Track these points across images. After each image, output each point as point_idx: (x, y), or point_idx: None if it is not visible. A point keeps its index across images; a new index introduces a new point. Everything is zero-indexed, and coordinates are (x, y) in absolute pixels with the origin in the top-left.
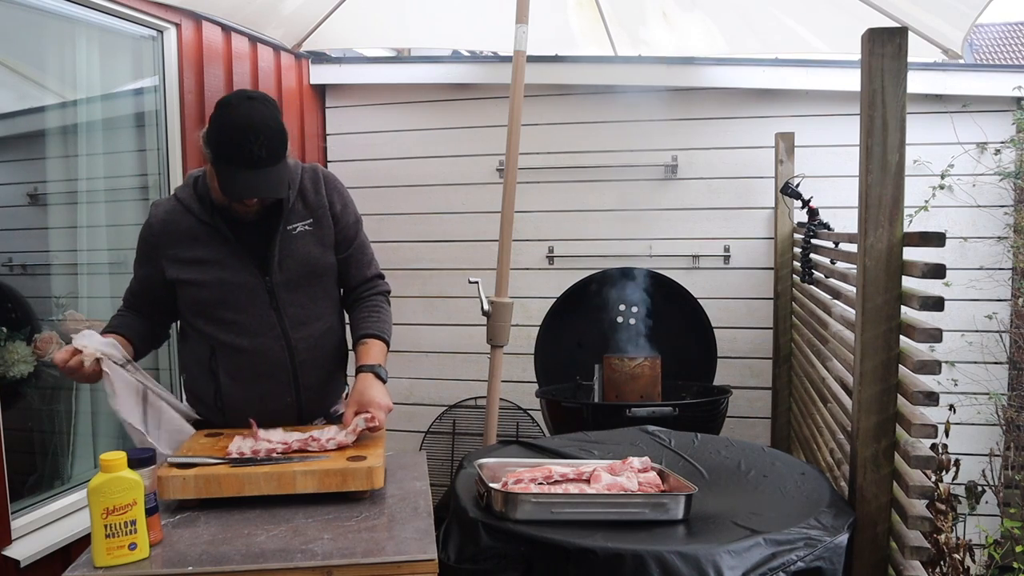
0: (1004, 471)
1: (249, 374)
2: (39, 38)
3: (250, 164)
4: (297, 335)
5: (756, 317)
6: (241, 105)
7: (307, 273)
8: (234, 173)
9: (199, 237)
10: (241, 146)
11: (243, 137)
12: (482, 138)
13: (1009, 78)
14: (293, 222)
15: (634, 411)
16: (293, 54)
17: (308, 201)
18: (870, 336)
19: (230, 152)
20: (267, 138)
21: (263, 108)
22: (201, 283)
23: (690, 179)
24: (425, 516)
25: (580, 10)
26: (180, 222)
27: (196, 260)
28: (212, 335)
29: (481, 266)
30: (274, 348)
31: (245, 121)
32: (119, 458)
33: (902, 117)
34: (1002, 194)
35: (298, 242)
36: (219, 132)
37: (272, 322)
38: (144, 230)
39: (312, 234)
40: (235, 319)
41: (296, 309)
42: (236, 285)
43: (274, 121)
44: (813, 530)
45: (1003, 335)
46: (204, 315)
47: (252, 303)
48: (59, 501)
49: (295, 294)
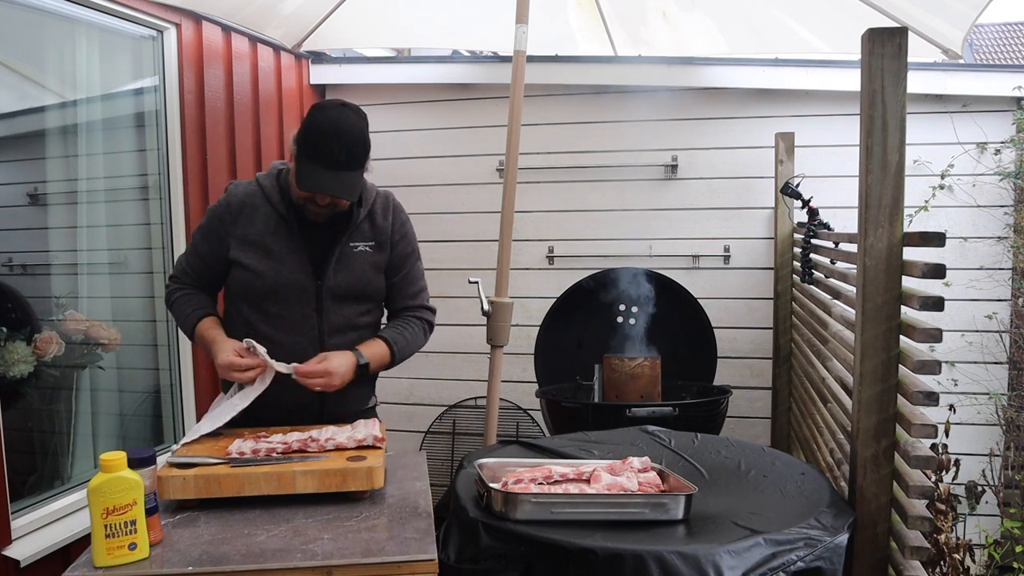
0: (1004, 471)
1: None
2: (39, 38)
3: (328, 164)
4: (332, 340)
5: (756, 317)
6: (332, 109)
7: (356, 289)
8: (312, 169)
9: (269, 226)
10: (323, 145)
11: (326, 138)
12: (482, 138)
13: (1009, 78)
14: (356, 240)
15: (634, 411)
16: (293, 54)
17: (375, 224)
18: (870, 336)
19: (313, 150)
20: (348, 143)
21: (352, 116)
22: (257, 271)
23: (690, 179)
24: (425, 516)
25: (580, 10)
26: (258, 206)
27: (260, 247)
28: (252, 322)
29: (481, 266)
30: (308, 347)
31: (331, 124)
32: (119, 458)
33: (902, 117)
34: (1002, 194)
35: (356, 259)
36: (307, 131)
37: (312, 323)
38: (219, 207)
39: (370, 256)
40: (278, 312)
41: (337, 317)
42: (289, 281)
43: (359, 130)
44: (813, 530)
45: (1003, 335)
46: (249, 301)
47: (298, 301)
48: (59, 501)
49: (340, 304)
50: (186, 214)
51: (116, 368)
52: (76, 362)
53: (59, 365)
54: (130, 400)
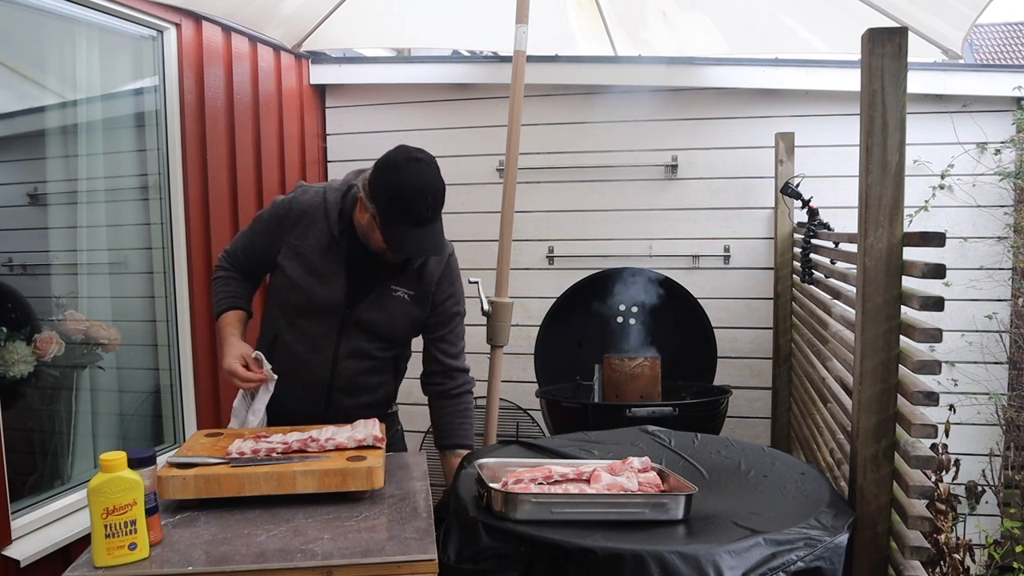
0: (1004, 471)
1: (292, 375)
2: (39, 38)
3: (417, 223)
4: (344, 364)
5: (756, 317)
6: (411, 167)
7: (382, 329)
8: (403, 232)
9: (320, 243)
10: (412, 207)
11: (414, 199)
12: (482, 138)
13: (1009, 78)
14: (399, 284)
15: (634, 411)
16: (293, 54)
17: (423, 276)
18: (870, 336)
19: (401, 212)
20: (434, 199)
21: (429, 169)
22: (296, 284)
23: (690, 179)
24: (425, 516)
25: (580, 10)
26: (316, 220)
27: (306, 262)
28: (279, 327)
29: (481, 266)
30: (319, 366)
31: (416, 183)
32: (119, 458)
33: (902, 117)
34: (1002, 194)
35: (391, 303)
36: (390, 191)
37: (329, 344)
38: (282, 208)
39: (406, 304)
40: (304, 326)
41: (356, 344)
42: (322, 302)
43: (439, 181)
44: (813, 530)
45: (1003, 335)
46: (282, 307)
47: (323, 320)
48: (59, 501)
49: (362, 335)
50: (186, 214)
51: (116, 368)
52: (76, 362)
53: (59, 365)
54: (130, 400)
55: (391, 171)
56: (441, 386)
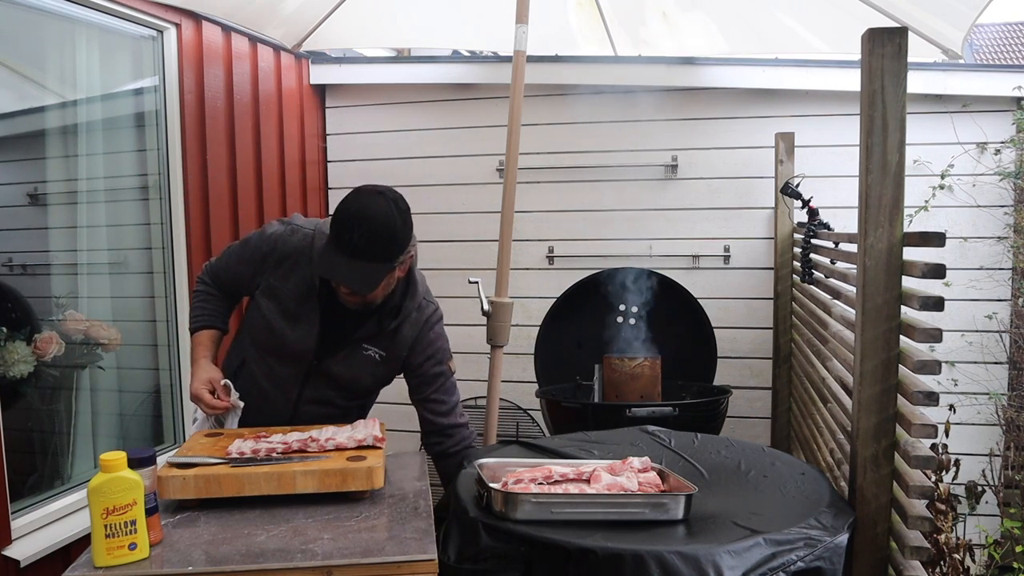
0: (1004, 471)
1: (253, 406)
2: (39, 38)
3: (346, 250)
4: (306, 408)
5: (756, 317)
6: (366, 195)
7: (345, 384)
8: (329, 252)
9: (300, 289)
10: (344, 231)
11: (349, 222)
12: (482, 138)
13: (1009, 78)
14: (371, 343)
15: (634, 411)
16: (293, 54)
17: (397, 339)
18: (870, 336)
19: (334, 232)
20: (370, 232)
21: (381, 203)
22: (269, 324)
23: (690, 179)
24: (425, 516)
25: (580, 10)
26: (300, 265)
27: (282, 304)
28: (248, 357)
29: (481, 266)
30: (281, 405)
31: (359, 210)
32: (119, 458)
33: (902, 117)
34: (1002, 194)
35: (360, 360)
36: (336, 211)
37: (293, 387)
38: (268, 243)
39: (376, 363)
40: (271, 364)
41: (319, 392)
42: (291, 348)
43: (387, 219)
44: (813, 530)
45: (1003, 335)
46: (253, 339)
47: (291, 364)
48: (59, 501)
49: (326, 384)
50: (186, 214)
51: (116, 368)
52: (76, 362)
53: (59, 365)
54: (130, 400)
55: (349, 195)
56: (439, 446)
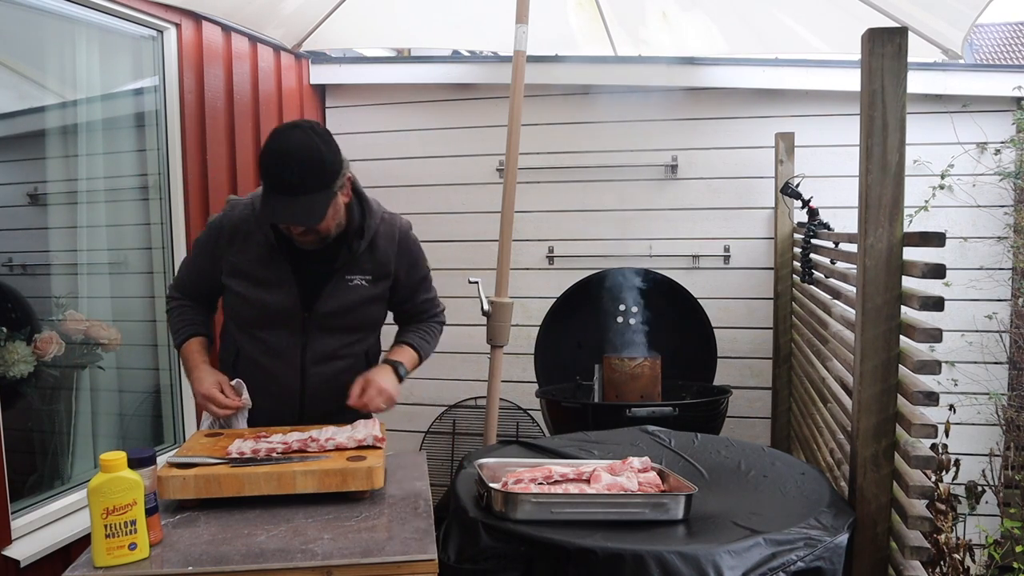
0: (1004, 471)
1: (260, 388)
2: (39, 38)
3: (282, 190)
4: (314, 369)
5: (756, 317)
6: (283, 133)
7: (346, 321)
8: (268, 198)
9: (261, 254)
10: (273, 171)
11: (275, 163)
12: (482, 138)
13: (1009, 78)
14: (353, 273)
15: (634, 411)
16: (293, 54)
17: (376, 256)
18: (870, 336)
19: (265, 176)
20: (299, 165)
21: (302, 135)
22: (247, 298)
23: (690, 179)
24: (425, 516)
25: (580, 10)
26: (251, 232)
27: (250, 275)
28: (240, 343)
29: (481, 266)
30: (288, 375)
31: (280, 147)
32: (119, 458)
33: (902, 117)
34: (1002, 194)
35: (350, 294)
36: (260, 157)
37: (295, 352)
38: (215, 229)
39: (366, 290)
40: (264, 337)
41: (322, 346)
42: (276, 310)
43: (311, 149)
44: (813, 530)
45: (1003, 335)
46: (238, 323)
47: (283, 329)
48: (59, 501)
49: (326, 334)
50: (186, 214)
51: (116, 368)
52: (76, 362)
53: (59, 365)
54: (130, 400)
55: (269, 138)
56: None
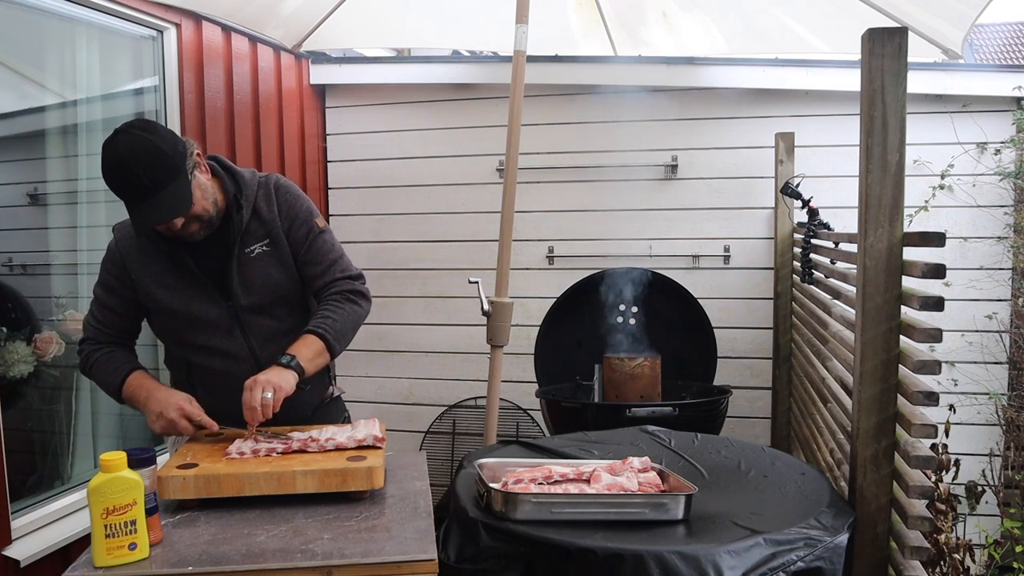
0: (1004, 471)
1: (223, 390)
2: (39, 38)
3: (140, 196)
4: (265, 352)
5: (756, 317)
6: (110, 145)
7: (270, 295)
8: (132, 209)
9: (161, 263)
10: (122, 183)
11: (119, 175)
12: (482, 138)
13: (1009, 78)
14: (250, 244)
15: (634, 411)
16: (293, 54)
17: (263, 219)
18: (870, 336)
19: (118, 192)
20: (141, 167)
21: (128, 139)
22: (169, 311)
23: (690, 179)
24: (425, 516)
25: (580, 10)
26: (146, 248)
27: (163, 286)
28: (187, 357)
29: (481, 266)
30: (244, 368)
31: (116, 159)
32: (119, 458)
33: (902, 117)
34: (1002, 194)
35: (257, 265)
36: (104, 176)
37: (239, 344)
38: (108, 256)
39: (271, 255)
40: (204, 343)
41: (262, 328)
42: (200, 311)
43: (144, 146)
44: (813, 530)
45: (1003, 335)
46: (175, 339)
47: (217, 327)
48: (59, 501)
49: (260, 315)
50: None
51: None
52: (76, 362)
53: (59, 365)
54: None
55: (102, 153)
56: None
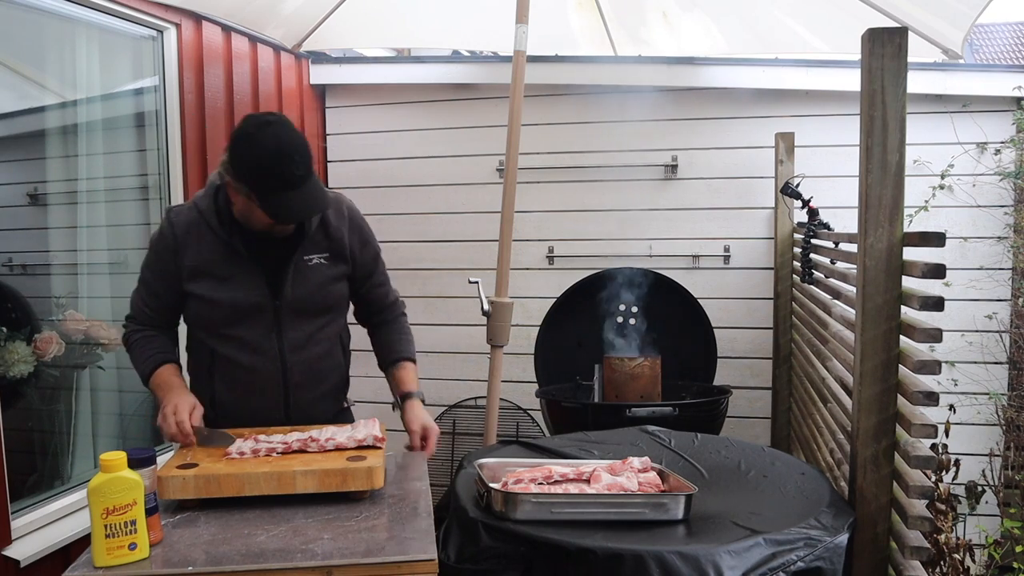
0: (1004, 471)
1: (243, 388)
2: (39, 38)
3: (291, 185)
4: (294, 358)
5: (756, 317)
6: (264, 132)
7: (315, 303)
8: (280, 199)
9: (217, 252)
10: (280, 170)
11: (280, 161)
12: (482, 138)
13: (1009, 78)
14: (310, 252)
15: (634, 411)
16: (293, 54)
17: (329, 234)
18: (870, 336)
19: (273, 179)
20: (300, 155)
21: (283, 129)
22: (213, 301)
23: (690, 179)
24: (425, 516)
25: (580, 10)
26: (202, 235)
27: (212, 276)
28: (213, 347)
29: (481, 266)
30: (269, 367)
31: (276, 144)
32: (119, 458)
33: (902, 117)
34: (1002, 194)
35: (312, 273)
36: (254, 161)
37: (272, 343)
38: (162, 240)
39: (327, 267)
40: (237, 335)
41: (297, 333)
42: (246, 304)
43: (299, 136)
44: (813, 530)
45: (1003, 335)
46: (208, 328)
47: (256, 322)
48: (59, 501)
49: (299, 319)
50: None
51: (116, 368)
52: (76, 362)
53: (59, 365)
54: (130, 400)
55: (247, 143)
56: (379, 317)
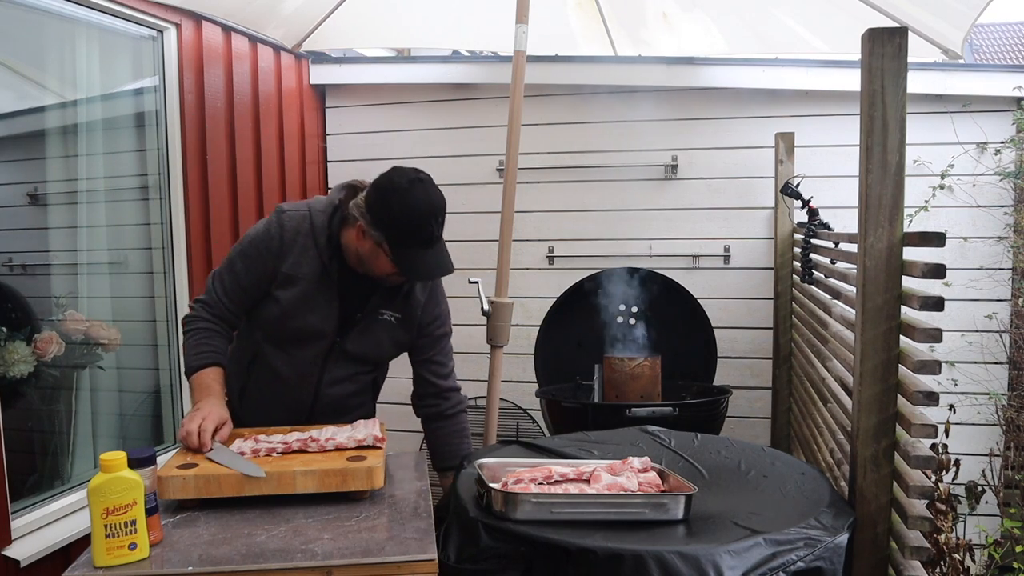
0: (1004, 471)
1: (272, 395)
2: (39, 38)
3: (429, 244)
4: (327, 390)
5: (756, 317)
6: (416, 189)
7: (369, 357)
8: (415, 255)
9: (315, 271)
10: (424, 229)
11: (427, 220)
12: (482, 138)
13: (1009, 78)
14: (385, 307)
15: (634, 411)
16: (293, 54)
17: (409, 301)
18: (870, 336)
19: (413, 236)
20: (442, 217)
21: (433, 188)
22: (288, 314)
23: (690, 179)
24: (425, 516)
25: (580, 10)
26: (307, 248)
27: (298, 290)
28: (263, 348)
29: (481, 266)
30: (302, 390)
31: (426, 205)
32: (119, 458)
33: (902, 117)
34: (1002, 194)
35: (378, 327)
36: (402, 216)
37: (314, 370)
38: (268, 236)
39: (393, 328)
40: (291, 351)
41: (340, 371)
42: (314, 330)
43: (442, 198)
44: (813, 530)
45: (1003, 335)
46: (268, 332)
47: (310, 347)
48: (59, 501)
49: (348, 361)
50: (186, 214)
51: (116, 368)
52: (76, 362)
53: (59, 365)
54: (130, 400)
55: (398, 195)
56: (435, 407)
